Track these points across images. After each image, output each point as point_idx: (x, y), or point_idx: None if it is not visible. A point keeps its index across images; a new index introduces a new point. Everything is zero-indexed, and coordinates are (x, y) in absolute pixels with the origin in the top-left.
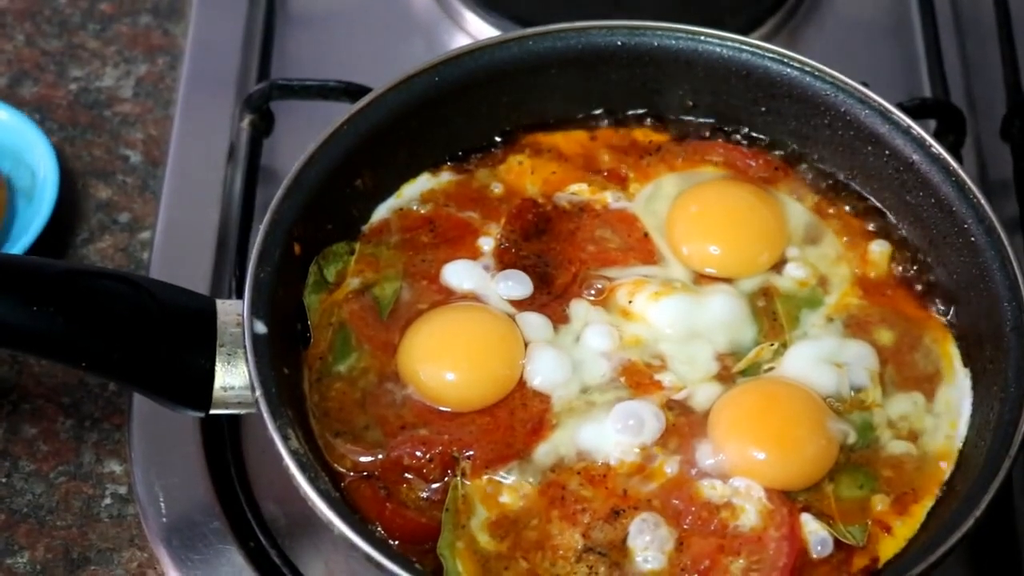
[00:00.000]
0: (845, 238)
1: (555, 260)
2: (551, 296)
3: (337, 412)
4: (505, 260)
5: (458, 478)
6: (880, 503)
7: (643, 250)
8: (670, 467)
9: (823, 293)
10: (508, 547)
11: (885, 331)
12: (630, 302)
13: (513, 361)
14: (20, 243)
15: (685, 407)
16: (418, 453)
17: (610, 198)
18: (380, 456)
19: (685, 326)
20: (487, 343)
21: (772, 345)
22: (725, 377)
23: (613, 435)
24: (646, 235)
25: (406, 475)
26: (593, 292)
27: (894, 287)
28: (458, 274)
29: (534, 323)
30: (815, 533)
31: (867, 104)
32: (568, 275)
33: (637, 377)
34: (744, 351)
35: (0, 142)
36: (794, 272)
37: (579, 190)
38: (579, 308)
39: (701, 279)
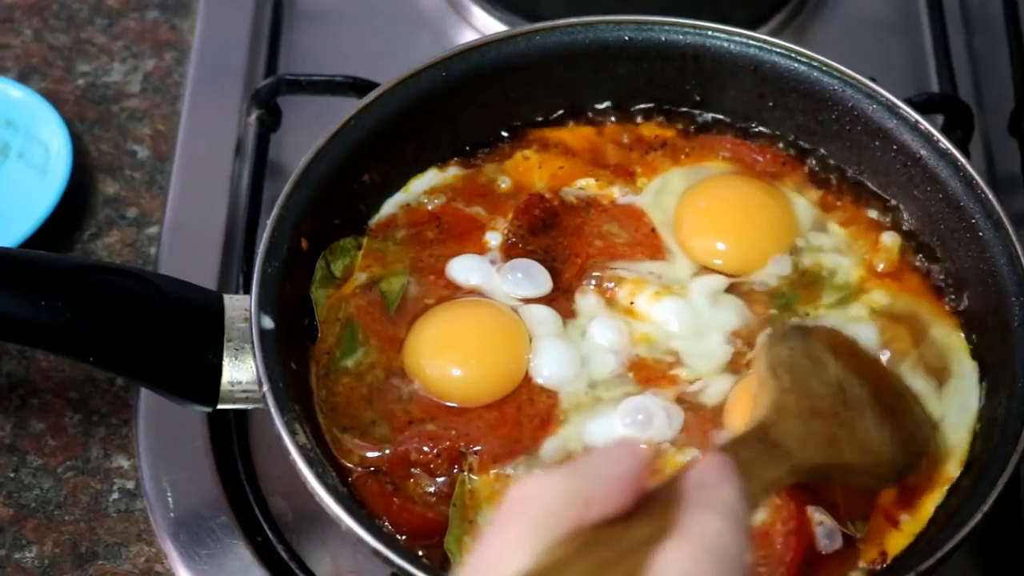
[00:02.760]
0: (852, 232)
1: (562, 255)
2: (558, 291)
3: (344, 407)
4: (511, 255)
5: (465, 473)
6: (887, 495)
7: (650, 245)
8: (680, 461)
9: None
10: None
11: (893, 324)
12: (631, 303)
13: (518, 355)
14: (36, 216)
15: (695, 403)
16: (425, 448)
17: (617, 193)
18: (387, 451)
19: (691, 323)
20: (491, 337)
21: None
22: (738, 365)
23: (621, 430)
24: (653, 230)
25: (413, 470)
26: (598, 286)
27: (902, 280)
28: (464, 269)
29: (541, 317)
30: (822, 524)
31: (875, 99)
32: (574, 269)
33: (646, 372)
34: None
35: (12, 119)
36: (802, 266)
37: (586, 185)
38: (586, 303)
39: (707, 274)
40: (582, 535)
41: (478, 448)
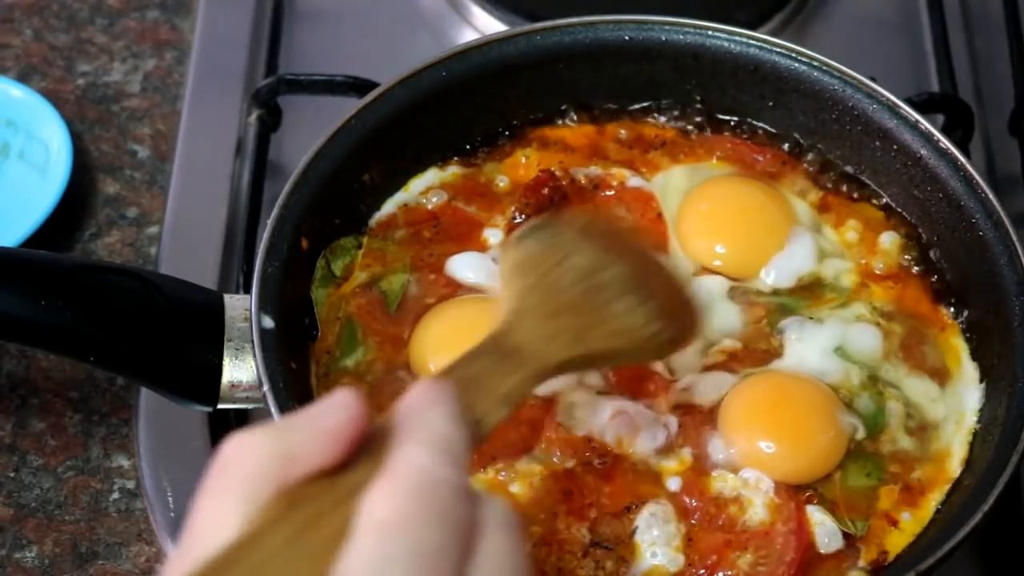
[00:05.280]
0: (852, 232)
1: None
2: None
3: None
4: None
5: None
6: (888, 494)
7: (655, 231)
8: (667, 466)
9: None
10: None
11: (894, 324)
12: None
13: None
14: (36, 216)
15: (689, 405)
16: None
17: (628, 174)
18: None
19: None
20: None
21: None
22: (730, 365)
23: (613, 429)
24: (659, 215)
25: None
26: None
27: (902, 281)
28: (463, 266)
29: None
30: (822, 524)
31: (875, 99)
32: None
33: (631, 372)
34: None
35: (13, 118)
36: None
37: (596, 165)
38: None
39: (705, 273)
40: (290, 493)
41: None
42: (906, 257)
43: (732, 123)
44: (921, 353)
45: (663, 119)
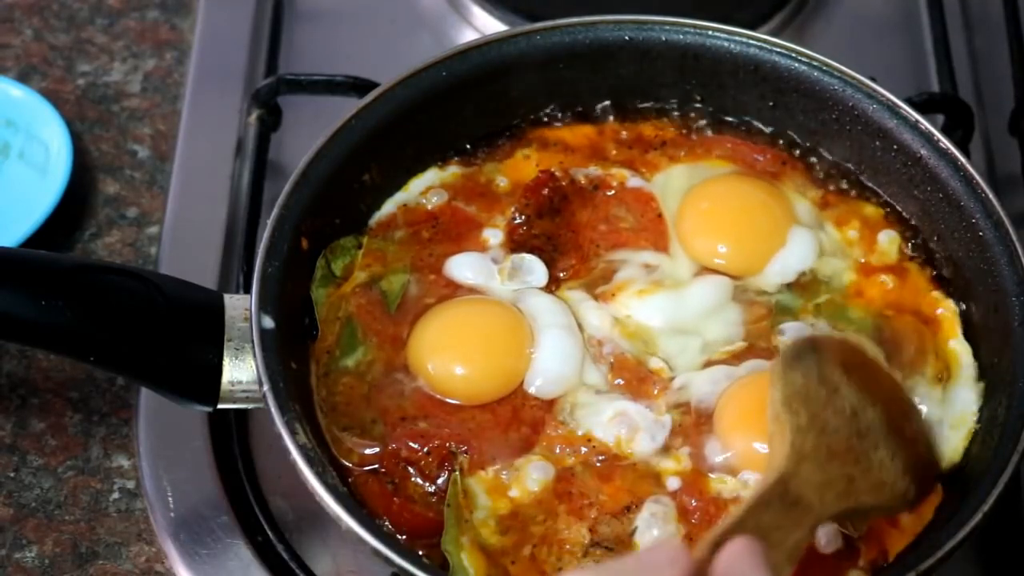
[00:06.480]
0: (852, 231)
1: (563, 244)
2: (554, 281)
3: (344, 406)
4: (516, 237)
5: (456, 473)
6: None
7: (655, 231)
8: (665, 467)
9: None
10: (513, 542)
11: (893, 325)
12: (613, 294)
13: (521, 351)
14: (36, 216)
15: (687, 404)
16: (415, 445)
17: (628, 174)
18: (377, 449)
19: (673, 321)
20: (497, 334)
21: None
22: (716, 363)
23: (612, 430)
24: (660, 215)
25: (409, 468)
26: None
27: (901, 275)
28: (462, 266)
29: (544, 307)
30: (821, 525)
31: (875, 99)
32: (573, 260)
33: (631, 373)
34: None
35: (13, 118)
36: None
37: (596, 165)
38: (573, 294)
39: (705, 272)
40: None
41: (468, 448)
42: (905, 257)
43: (732, 123)
44: (920, 355)
45: (663, 119)
